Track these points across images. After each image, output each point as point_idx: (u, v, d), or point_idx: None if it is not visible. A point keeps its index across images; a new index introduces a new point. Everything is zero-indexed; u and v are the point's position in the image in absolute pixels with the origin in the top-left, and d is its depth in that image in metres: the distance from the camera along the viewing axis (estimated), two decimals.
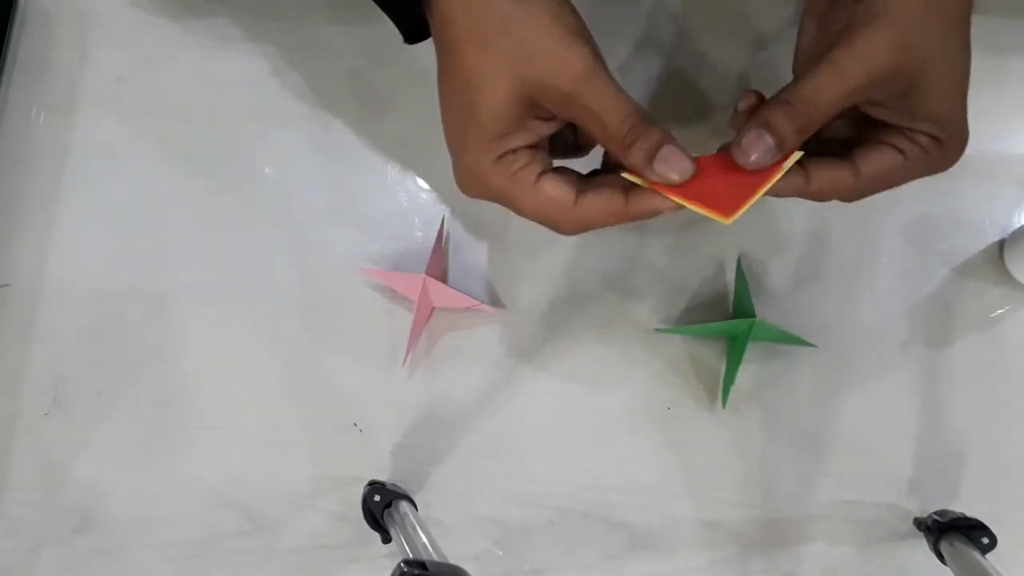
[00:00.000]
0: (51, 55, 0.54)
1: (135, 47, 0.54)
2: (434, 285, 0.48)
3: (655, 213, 0.38)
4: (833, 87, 0.36)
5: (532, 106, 0.37)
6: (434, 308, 0.51)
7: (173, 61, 0.54)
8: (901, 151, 0.38)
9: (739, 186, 0.37)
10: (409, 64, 0.53)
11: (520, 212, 0.39)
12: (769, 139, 0.36)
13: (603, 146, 0.39)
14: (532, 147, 0.39)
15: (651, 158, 0.36)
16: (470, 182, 0.39)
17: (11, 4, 0.54)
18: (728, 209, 0.37)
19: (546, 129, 0.39)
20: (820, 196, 0.39)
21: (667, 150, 0.36)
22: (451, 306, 0.51)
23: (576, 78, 0.36)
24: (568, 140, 0.42)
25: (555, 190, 0.38)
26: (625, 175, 0.38)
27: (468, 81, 0.37)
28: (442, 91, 0.39)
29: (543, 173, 0.38)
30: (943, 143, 0.37)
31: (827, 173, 0.38)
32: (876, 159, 0.38)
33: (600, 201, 0.38)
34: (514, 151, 0.38)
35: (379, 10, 0.41)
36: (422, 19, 0.39)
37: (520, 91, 0.36)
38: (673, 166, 0.36)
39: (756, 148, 0.36)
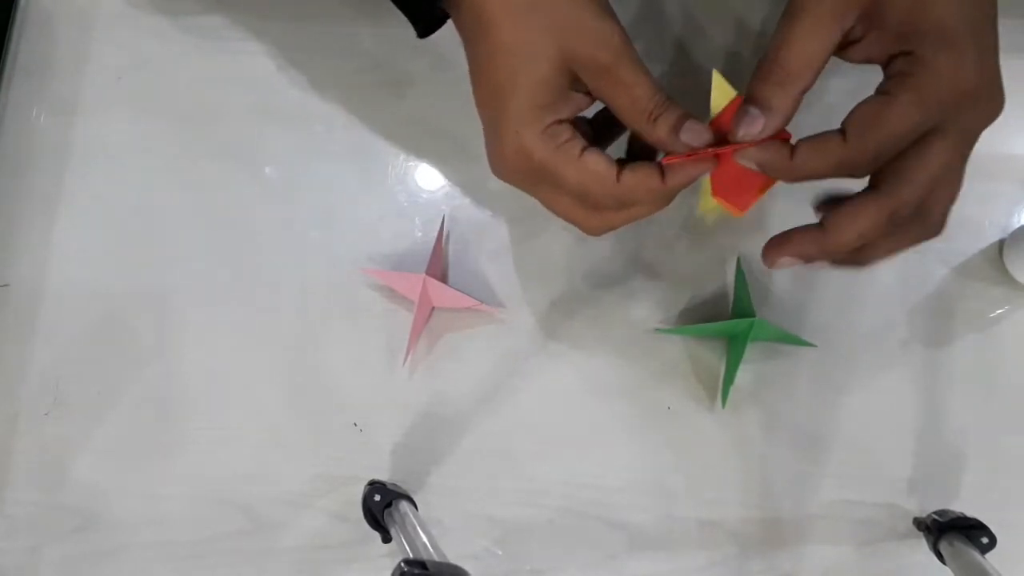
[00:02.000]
0: (52, 55, 0.54)
1: (135, 47, 0.54)
2: (434, 285, 0.48)
3: (690, 181, 0.38)
4: (796, 29, 0.35)
5: (573, 78, 0.38)
6: (434, 308, 0.51)
7: (173, 61, 0.54)
8: (885, 92, 0.35)
9: (749, 179, 0.38)
10: (410, 64, 0.53)
11: (564, 185, 0.39)
12: (752, 109, 0.36)
13: (628, 121, 0.39)
14: (572, 122, 0.39)
15: (677, 130, 0.37)
16: (514, 157, 0.39)
17: (12, 4, 0.54)
18: (742, 205, 0.39)
19: (584, 103, 0.39)
20: (811, 171, 0.37)
21: (690, 123, 0.38)
22: (451, 306, 0.51)
23: (616, 51, 0.37)
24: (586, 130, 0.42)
25: (599, 164, 0.38)
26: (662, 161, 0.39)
27: (512, 52, 0.37)
28: (479, 71, 0.39)
29: (585, 148, 0.39)
30: (921, 58, 0.34)
31: (812, 143, 0.36)
32: (860, 111, 0.36)
33: (639, 177, 0.38)
34: (559, 122, 0.38)
35: (379, 10, 0.41)
36: (441, 9, 0.40)
37: (563, 61, 0.37)
38: (696, 136, 0.38)
39: (741, 121, 0.37)
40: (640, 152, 0.42)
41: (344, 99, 0.54)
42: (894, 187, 0.36)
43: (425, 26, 0.42)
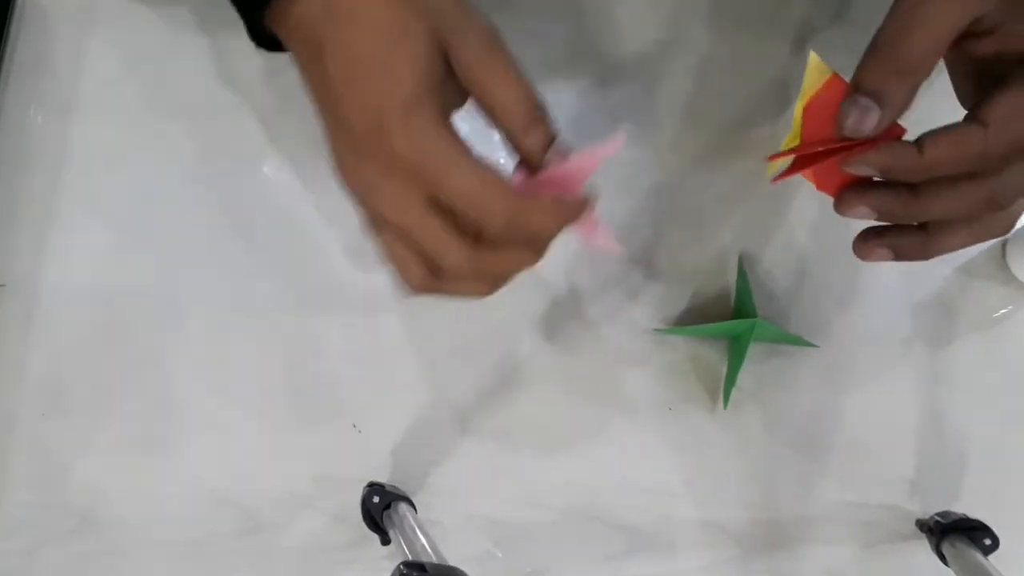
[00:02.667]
0: (50, 54, 0.53)
1: (135, 46, 0.54)
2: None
3: (579, 214, 0.35)
4: (920, 11, 0.32)
5: (446, 68, 0.34)
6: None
7: (173, 61, 0.54)
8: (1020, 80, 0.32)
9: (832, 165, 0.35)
10: None
11: (454, 184, 0.33)
12: (864, 99, 0.33)
13: (501, 123, 0.35)
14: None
15: (546, 146, 0.35)
16: (402, 145, 0.33)
17: (9, 3, 0.54)
18: (836, 192, 0.36)
19: (458, 101, 0.36)
20: (943, 169, 0.33)
21: (557, 144, 0.35)
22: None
23: (489, 41, 0.34)
24: None
25: (494, 169, 0.34)
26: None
27: (386, 31, 0.33)
28: (340, 59, 0.34)
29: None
30: None
31: (949, 137, 0.33)
32: (1002, 100, 0.32)
33: (532, 197, 0.34)
34: (444, 115, 0.34)
35: None
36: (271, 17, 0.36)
37: (438, 44, 0.33)
38: (555, 161, 0.35)
39: (851, 112, 0.33)
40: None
41: None
42: (1001, 175, 0.33)
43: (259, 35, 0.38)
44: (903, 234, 0.37)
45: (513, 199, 0.33)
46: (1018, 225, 0.51)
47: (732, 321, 0.50)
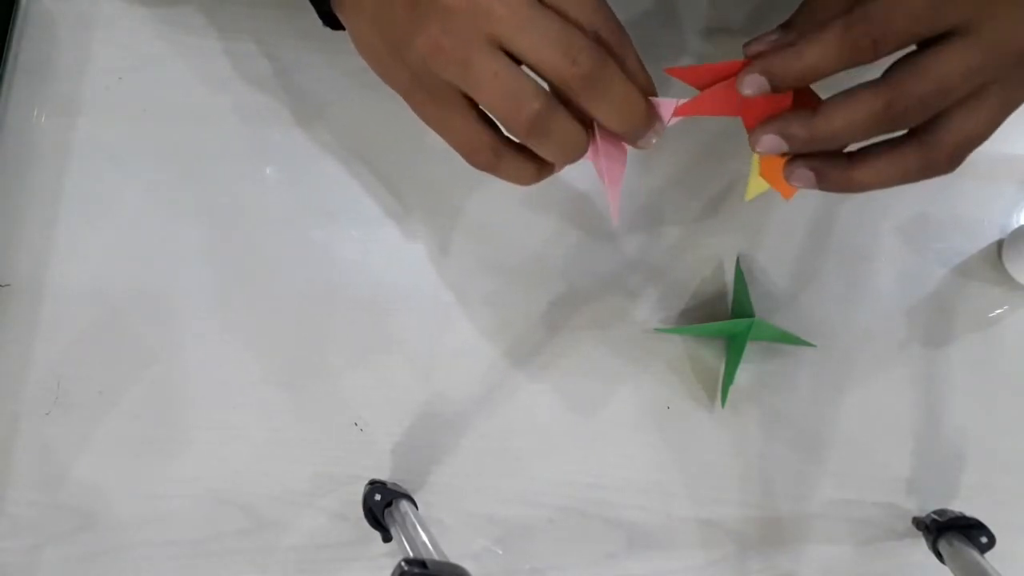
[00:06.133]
0: (52, 56, 0.54)
1: (136, 47, 0.54)
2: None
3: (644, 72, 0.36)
4: None
5: None
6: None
7: (173, 61, 0.54)
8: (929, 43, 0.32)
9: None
10: None
11: (533, 28, 0.33)
12: (776, 29, 0.34)
13: None
14: None
15: None
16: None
17: (12, 5, 0.54)
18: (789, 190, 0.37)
19: None
20: (841, 129, 0.33)
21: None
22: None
23: None
24: None
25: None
26: None
27: None
28: None
29: None
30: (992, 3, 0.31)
31: (840, 96, 0.33)
32: (909, 55, 0.32)
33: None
34: None
35: None
36: None
37: None
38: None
39: (760, 37, 0.34)
40: None
41: (346, 98, 0.54)
42: (898, 74, 0.33)
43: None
44: (827, 160, 0.36)
45: (600, 50, 0.33)
46: (1015, 226, 0.52)
47: (730, 321, 0.50)
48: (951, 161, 0.34)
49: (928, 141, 0.34)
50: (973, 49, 0.32)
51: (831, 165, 0.35)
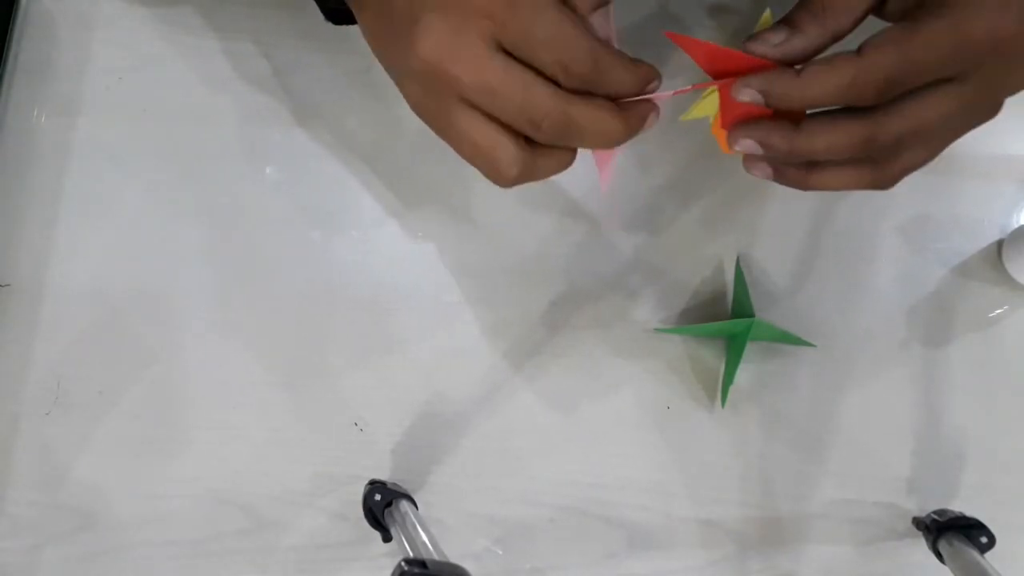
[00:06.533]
0: (52, 56, 0.54)
1: (136, 47, 0.54)
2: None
3: (650, 78, 0.35)
4: None
5: None
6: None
7: (173, 61, 0.54)
8: (915, 18, 0.32)
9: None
10: None
11: (536, 31, 0.33)
12: (781, 27, 0.34)
13: None
14: None
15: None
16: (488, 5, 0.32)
17: (13, 5, 0.54)
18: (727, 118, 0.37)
19: None
20: (818, 93, 0.33)
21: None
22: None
23: None
24: None
25: (573, 16, 0.33)
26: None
27: None
28: None
29: None
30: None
31: (822, 62, 0.33)
32: (884, 32, 0.33)
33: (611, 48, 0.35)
34: None
35: None
36: None
37: None
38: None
39: (763, 34, 0.34)
40: None
41: (346, 98, 0.54)
42: (886, 114, 0.33)
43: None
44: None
45: (598, 46, 0.33)
46: (1015, 226, 0.52)
47: (730, 321, 0.50)
48: (895, 182, 0.36)
49: (883, 166, 0.35)
50: (960, 98, 0.33)
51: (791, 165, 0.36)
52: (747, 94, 0.34)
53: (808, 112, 0.35)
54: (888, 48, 0.32)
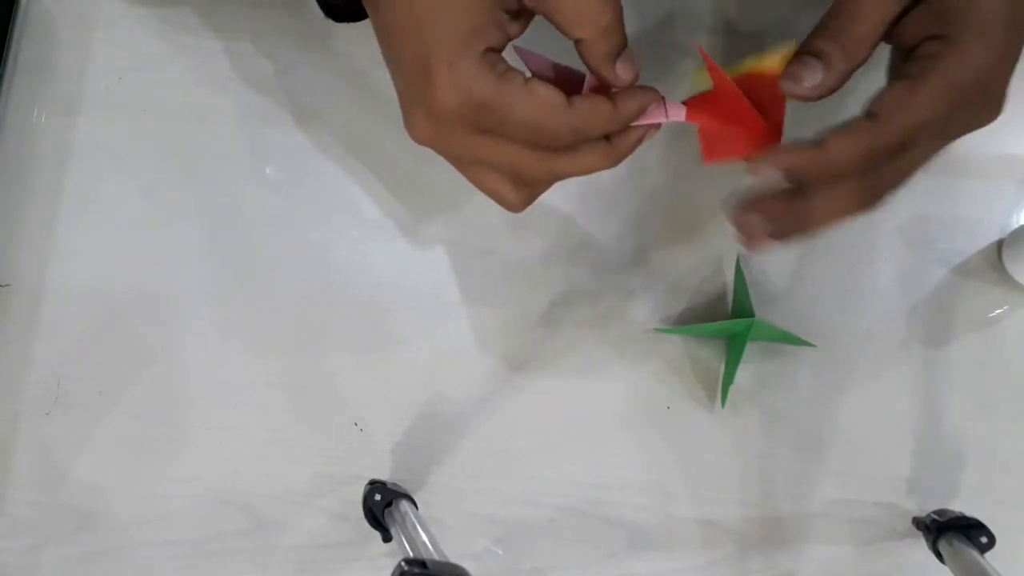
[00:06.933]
0: (52, 56, 0.54)
1: (136, 47, 0.54)
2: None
3: (639, 111, 0.36)
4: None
5: None
6: None
7: (173, 61, 0.54)
8: (911, 76, 0.34)
9: (735, 135, 0.37)
10: None
11: (510, 123, 0.35)
12: (811, 59, 0.34)
13: (571, 32, 0.35)
14: (502, 51, 0.36)
15: (614, 57, 0.35)
16: (451, 98, 0.34)
17: (12, 5, 0.54)
18: (711, 153, 0.37)
19: (515, 29, 0.36)
20: (843, 163, 0.34)
21: (628, 53, 0.36)
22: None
23: None
24: None
25: (548, 92, 0.34)
26: None
27: None
28: (391, 13, 0.36)
29: (527, 77, 0.35)
30: (956, 43, 0.33)
31: (844, 131, 0.34)
32: (890, 95, 0.34)
33: (591, 104, 0.35)
34: (493, 51, 0.35)
35: None
36: None
37: None
38: (626, 71, 0.36)
39: (799, 67, 0.34)
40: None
41: (346, 99, 0.54)
42: (878, 177, 0.35)
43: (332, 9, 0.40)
44: (786, 216, 0.37)
45: (574, 116, 0.35)
46: (1015, 226, 0.52)
47: (730, 321, 0.50)
48: (881, 201, 0.37)
49: (868, 188, 0.36)
50: (940, 149, 0.36)
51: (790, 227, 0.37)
52: (772, 173, 0.35)
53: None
54: (899, 115, 0.33)
